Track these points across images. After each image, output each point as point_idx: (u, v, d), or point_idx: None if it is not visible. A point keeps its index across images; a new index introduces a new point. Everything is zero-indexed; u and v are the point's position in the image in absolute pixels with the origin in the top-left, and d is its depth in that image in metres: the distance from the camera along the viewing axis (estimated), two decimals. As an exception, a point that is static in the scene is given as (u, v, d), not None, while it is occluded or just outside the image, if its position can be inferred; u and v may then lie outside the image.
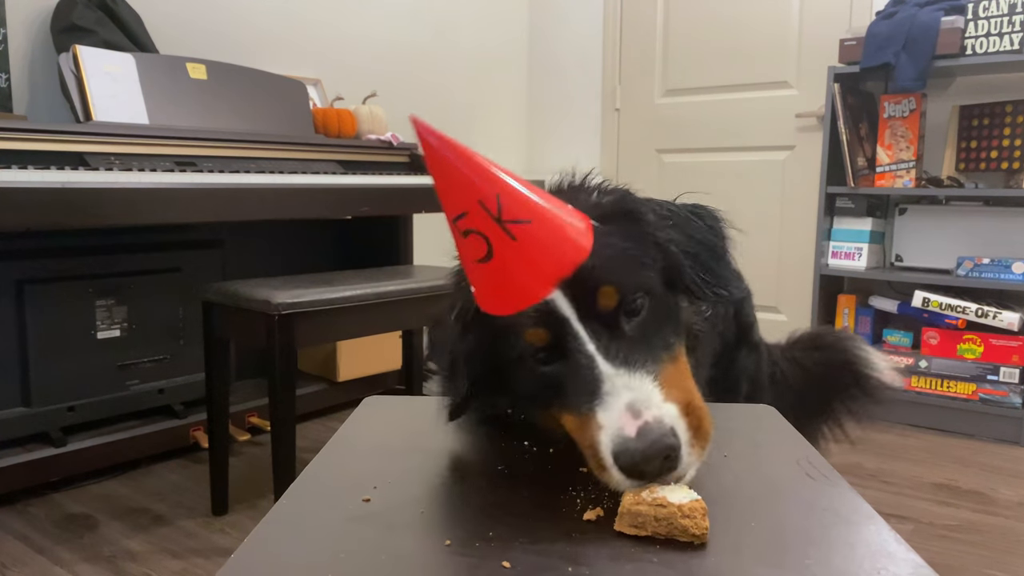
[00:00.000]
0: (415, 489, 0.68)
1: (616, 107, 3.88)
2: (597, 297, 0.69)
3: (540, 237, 0.66)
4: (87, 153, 1.97)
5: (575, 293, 0.68)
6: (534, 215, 0.66)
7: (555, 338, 0.70)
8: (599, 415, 0.64)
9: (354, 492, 0.66)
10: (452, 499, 0.67)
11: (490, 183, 0.65)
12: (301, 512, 0.64)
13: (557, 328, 0.69)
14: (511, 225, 0.65)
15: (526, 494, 0.67)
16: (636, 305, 0.71)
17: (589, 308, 0.69)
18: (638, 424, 0.61)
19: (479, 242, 0.66)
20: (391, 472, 0.72)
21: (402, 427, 0.88)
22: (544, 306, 0.68)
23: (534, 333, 0.71)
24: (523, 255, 0.66)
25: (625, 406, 0.63)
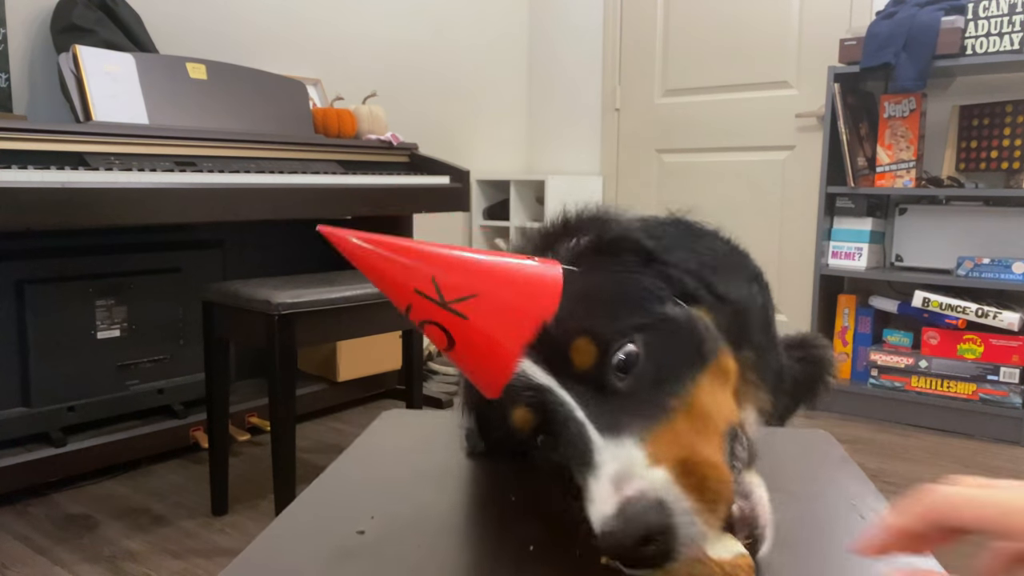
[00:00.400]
0: (416, 521, 0.63)
1: (616, 107, 3.88)
2: (570, 355, 0.59)
3: (492, 307, 0.59)
4: (87, 153, 1.97)
5: (548, 357, 0.59)
6: (478, 286, 0.59)
7: (544, 413, 0.61)
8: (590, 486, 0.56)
9: (350, 521, 0.62)
10: (455, 535, 0.63)
11: (421, 267, 0.59)
12: (289, 541, 0.60)
13: (543, 401, 0.60)
14: (457, 305, 0.58)
15: (536, 532, 0.61)
16: (627, 353, 0.60)
17: (568, 369, 0.59)
18: (617, 499, 0.52)
19: (436, 332, 0.60)
20: (394, 499, 0.68)
21: (415, 447, 0.84)
22: (523, 381, 0.60)
23: (519, 415, 0.62)
24: (480, 332, 0.59)
25: (609, 479, 0.54)
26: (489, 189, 3.91)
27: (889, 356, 2.89)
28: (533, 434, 0.63)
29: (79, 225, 1.97)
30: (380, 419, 0.91)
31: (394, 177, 2.58)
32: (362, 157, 2.68)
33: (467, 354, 0.61)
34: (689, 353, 0.62)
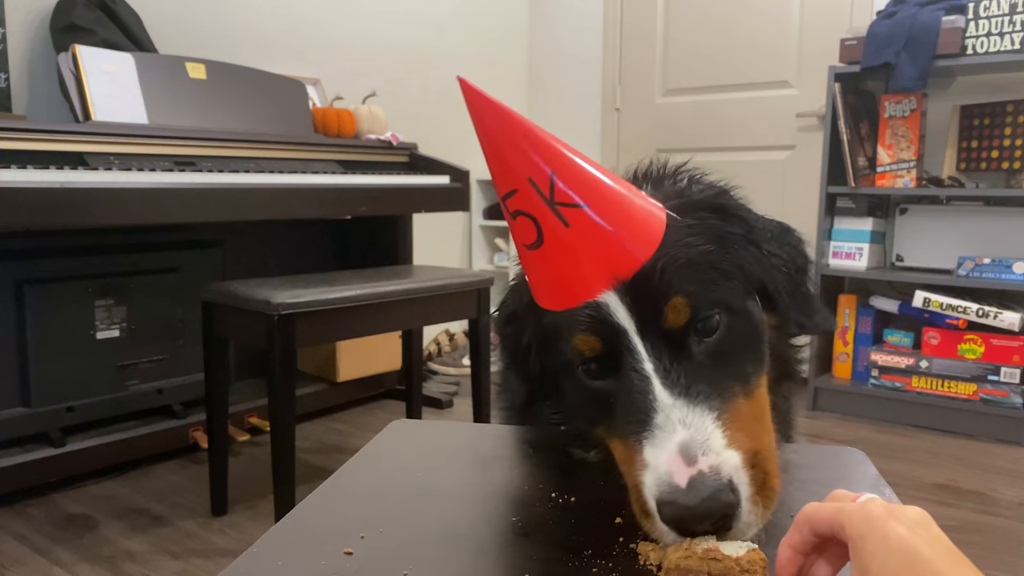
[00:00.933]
0: (407, 541, 0.60)
1: (616, 107, 3.88)
2: (663, 310, 0.58)
3: (598, 225, 0.56)
4: (86, 153, 1.96)
5: (636, 300, 0.57)
6: (592, 198, 0.57)
7: (608, 349, 0.59)
8: (647, 451, 0.54)
9: (340, 539, 0.59)
10: (448, 555, 0.58)
11: (544, 158, 0.57)
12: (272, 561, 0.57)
13: (611, 338, 0.59)
14: (564, 209, 0.56)
15: (536, 557, 0.57)
16: (711, 323, 0.59)
17: (652, 320, 0.58)
18: (690, 473, 0.51)
19: (529, 225, 0.57)
20: (390, 516, 0.64)
21: (419, 460, 0.80)
22: (599, 310, 0.58)
23: (584, 340, 0.60)
24: (576, 245, 0.56)
25: (677, 447, 0.53)
26: (489, 189, 3.91)
27: (890, 356, 2.88)
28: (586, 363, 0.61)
29: (79, 225, 1.97)
30: (387, 429, 0.89)
31: (394, 177, 2.57)
32: (362, 157, 2.68)
33: (552, 259, 0.58)
34: (756, 345, 0.63)
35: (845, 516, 0.45)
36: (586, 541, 0.59)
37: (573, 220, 0.56)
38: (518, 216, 0.58)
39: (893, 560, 0.41)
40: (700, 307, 0.59)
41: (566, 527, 0.62)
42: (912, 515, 0.44)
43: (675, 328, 0.58)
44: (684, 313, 0.58)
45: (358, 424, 2.80)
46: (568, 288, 0.59)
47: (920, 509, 0.46)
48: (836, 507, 0.47)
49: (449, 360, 3.48)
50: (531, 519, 0.64)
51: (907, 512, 0.44)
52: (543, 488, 0.70)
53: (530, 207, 0.57)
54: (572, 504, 0.66)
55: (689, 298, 0.58)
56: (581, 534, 0.61)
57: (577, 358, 0.62)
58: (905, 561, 0.41)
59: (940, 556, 0.41)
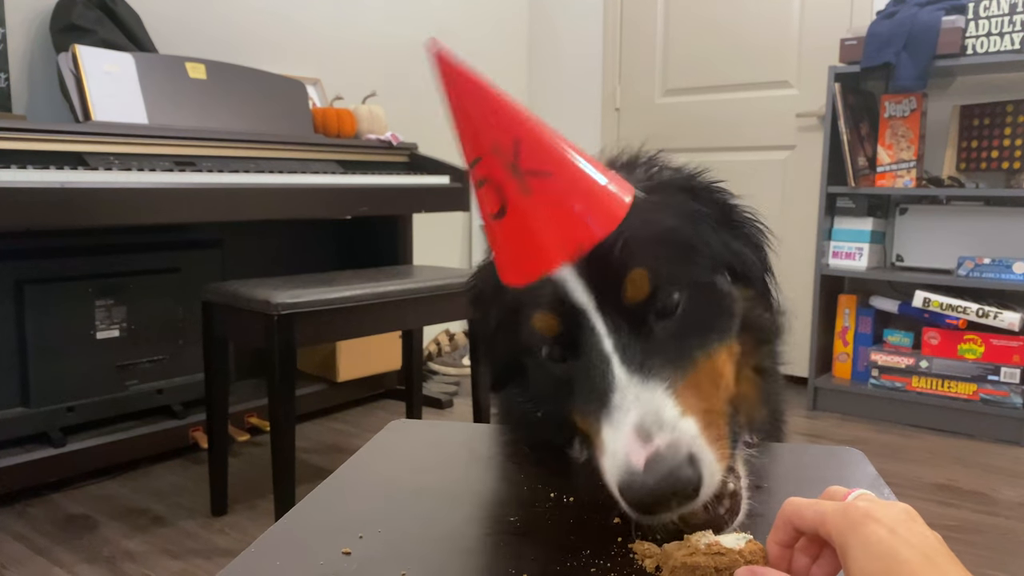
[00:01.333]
0: (406, 541, 0.60)
1: (616, 107, 3.88)
2: (623, 284, 0.56)
3: (560, 194, 0.55)
4: (86, 153, 1.96)
5: (596, 275, 0.56)
6: (557, 167, 0.55)
7: (568, 328, 0.58)
8: (605, 433, 0.53)
9: (338, 539, 0.59)
10: (446, 555, 0.58)
11: (510, 125, 0.56)
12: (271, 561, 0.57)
13: (570, 317, 0.57)
14: (529, 177, 0.55)
15: (533, 557, 0.57)
16: (672, 301, 0.58)
17: (612, 296, 0.57)
18: (647, 452, 0.50)
19: (492, 194, 0.56)
20: (388, 516, 0.64)
21: (418, 460, 0.81)
22: (558, 288, 0.57)
23: (543, 319, 0.59)
24: (537, 214, 0.55)
25: (633, 427, 0.51)
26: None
27: (890, 356, 2.88)
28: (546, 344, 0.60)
29: (79, 225, 1.97)
30: (387, 429, 0.89)
31: (394, 177, 2.57)
32: (362, 157, 2.68)
33: (515, 229, 0.57)
34: (720, 319, 0.62)
35: (828, 520, 0.46)
36: (584, 541, 0.59)
37: (536, 188, 0.55)
38: (483, 184, 0.57)
39: (873, 566, 0.41)
40: (661, 281, 0.58)
41: (564, 527, 0.62)
42: (894, 514, 0.44)
43: (635, 303, 0.57)
44: (644, 287, 0.57)
45: (358, 424, 2.80)
46: (528, 260, 0.57)
47: (904, 506, 0.46)
48: (818, 510, 0.47)
49: (449, 360, 3.48)
50: (529, 519, 0.64)
51: (889, 511, 0.44)
52: (541, 488, 0.69)
53: (495, 174, 0.56)
54: (570, 504, 0.66)
55: (649, 272, 0.57)
56: (579, 534, 0.61)
57: (538, 339, 0.61)
58: (883, 566, 0.41)
59: (919, 558, 0.41)
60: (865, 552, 0.42)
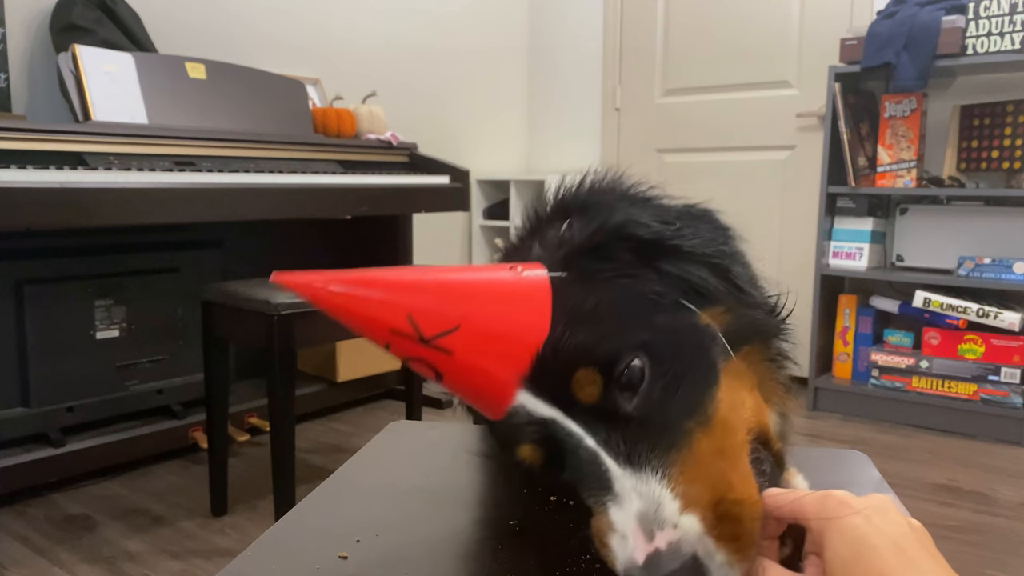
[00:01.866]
0: (403, 545, 0.59)
1: (616, 107, 3.88)
2: (573, 387, 0.54)
3: (477, 338, 0.54)
4: (86, 153, 1.96)
5: (549, 388, 0.54)
6: (458, 317, 0.54)
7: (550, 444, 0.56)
8: (612, 513, 0.51)
9: (335, 542, 0.59)
10: (444, 560, 0.58)
11: (395, 302, 0.54)
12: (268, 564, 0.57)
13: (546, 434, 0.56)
14: (439, 341, 0.53)
15: (534, 560, 0.57)
16: (632, 373, 0.54)
17: (572, 401, 0.55)
18: (648, 550, 0.47)
19: (423, 367, 0.55)
20: (386, 519, 0.64)
21: (418, 461, 0.80)
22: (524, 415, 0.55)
23: (525, 451, 0.57)
24: (468, 367, 0.54)
25: (636, 519, 0.49)
26: (489, 189, 3.91)
27: (890, 356, 2.88)
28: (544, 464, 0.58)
29: (78, 225, 1.97)
30: (386, 430, 0.88)
31: (394, 177, 2.57)
32: (362, 157, 2.68)
33: (458, 388, 0.56)
34: (699, 363, 0.57)
35: (807, 508, 0.48)
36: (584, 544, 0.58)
37: (453, 346, 0.54)
38: (409, 362, 0.55)
39: (845, 551, 0.44)
40: (611, 367, 0.54)
41: (564, 530, 0.62)
42: (870, 503, 0.46)
43: (594, 400, 0.54)
44: (595, 382, 0.54)
45: (358, 424, 2.80)
46: (488, 404, 0.57)
47: (881, 496, 0.47)
48: (795, 498, 0.49)
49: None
50: (529, 521, 0.63)
51: (865, 501, 0.46)
52: (541, 490, 0.69)
53: (411, 351, 0.54)
54: (570, 507, 0.66)
55: (593, 365, 0.54)
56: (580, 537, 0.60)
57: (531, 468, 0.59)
58: (855, 551, 0.43)
59: (890, 546, 0.43)
60: (840, 538, 0.44)
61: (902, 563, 0.42)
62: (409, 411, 2.62)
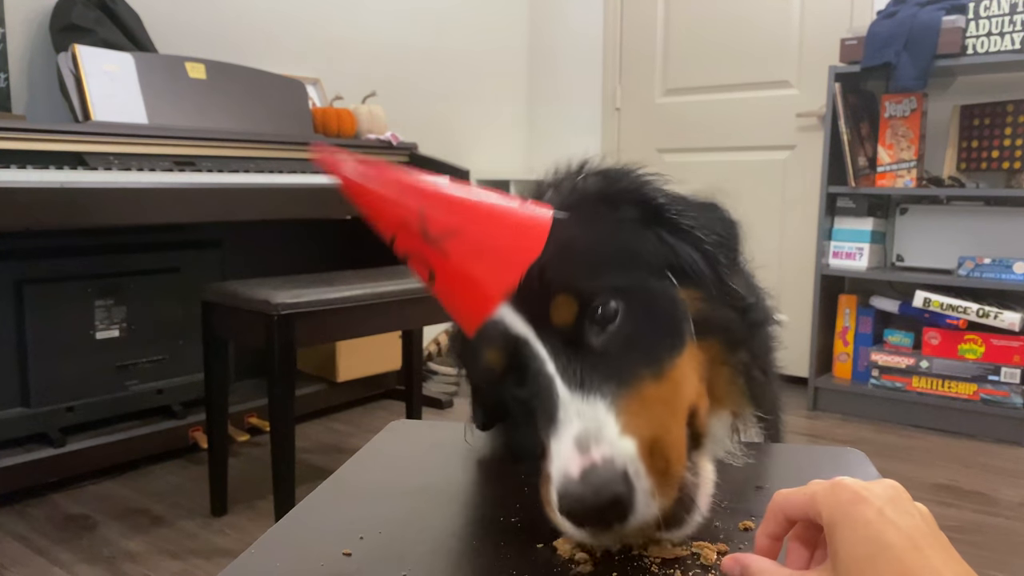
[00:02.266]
0: (406, 542, 0.59)
1: (616, 107, 3.88)
2: (551, 309, 0.59)
3: (474, 246, 0.58)
4: (86, 153, 1.96)
5: (528, 306, 0.59)
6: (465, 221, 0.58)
7: (515, 359, 0.60)
8: (551, 444, 0.55)
9: (338, 540, 0.59)
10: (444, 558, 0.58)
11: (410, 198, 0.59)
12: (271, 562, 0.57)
13: (514, 348, 0.60)
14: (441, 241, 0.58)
15: (535, 558, 0.57)
16: (608, 312, 0.59)
17: (547, 322, 0.59)
18: (583, 464, 0.51)
19: (419, 265, 0.59)
20: (388, 518, 0.64)
21: (418, 460, 0.80)
22: (499, 325, 0.59)
23: (491, 355, 0.62)
24: (463, 271, 0.58)
25: (574, 438, 0.53)
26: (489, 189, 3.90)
27: (890, 356, 2.88)
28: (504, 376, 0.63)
29: (78, 225, 1.97)
30: (387, 430, 0.88)
31: (394, 177, 2.57)
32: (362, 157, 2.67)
33: (447, 291, 0.60)
34: (668, 327, 0.61)
35: (819, 501, 0.46)
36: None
37: (452, 248, 0.58)
38: (408, 258, 0.60)
39: (859, 549, 0.42)
40: (588, 300, 0.59)
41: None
42: (882, 493, 0.44)
43: (567, 325, 0.59)
44: (571, 309, 0.59)
45: (358, 424, 2.80)
46: (469, 311, 0.60)
47: (892, 483, 0.46)
48: (807, 491, 0.48)
49: (449, 360, 3.48)
50: (530, 520, 0.63)
51: (877, 489, 0.45)
52: (543, 489, 0.69)
53: (412, 246, 0.59)
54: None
55: (573, 293, 0.59)
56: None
57: (493, 374, 0.63)
58: (869, 551, 0.41)
59: (905, 543, 0.41)
60: (853, 534, 0.43)
61: (918, 562, 0.40)
62: (409, 411, 2.62)
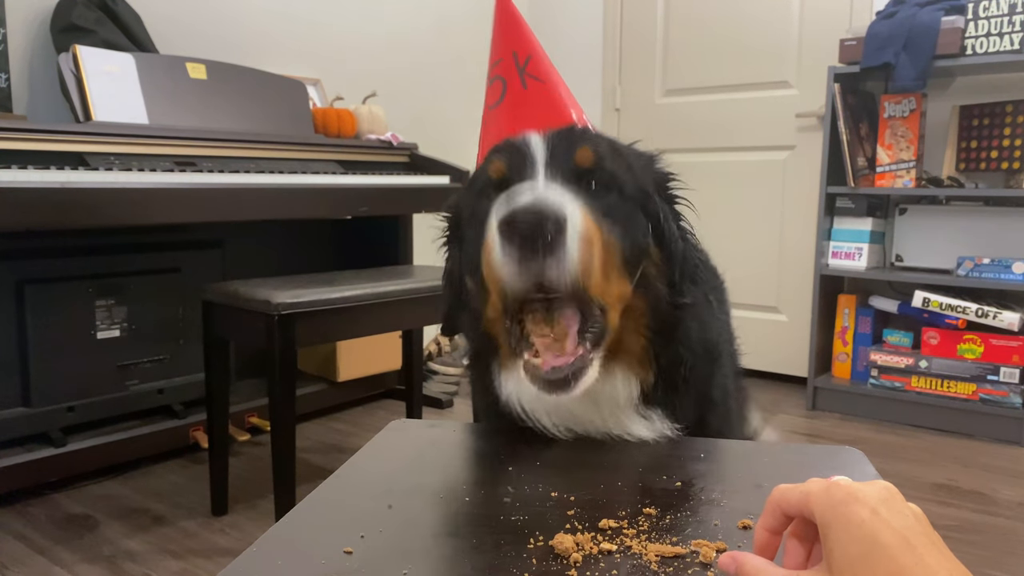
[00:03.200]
0: (407, 541, 0.60)
1: (616, 107, 3.88)
2: (574, 152, 0.72)
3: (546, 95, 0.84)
4: (87, 153, 1.97)
5: (555, 143, 0.73)
6: (549, 80, 0.85)
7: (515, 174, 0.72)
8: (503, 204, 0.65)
9: (339, 539, 0.60)
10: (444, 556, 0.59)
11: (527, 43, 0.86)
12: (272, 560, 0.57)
13: (520, 165, 0.72)
14: (528, 78, 0.84)
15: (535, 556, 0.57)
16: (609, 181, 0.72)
17: (561, 158, 0.71)
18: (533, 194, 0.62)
19: (498, 87, 0.85)
20: (389, 516, 0.65)
21: (418, 460, 0.80)
22: (520, 145, 0.73)
23: (495, 166, 0.74)
24: (528, 103, 0.83)
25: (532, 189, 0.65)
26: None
27: (889, 356, 2.88)
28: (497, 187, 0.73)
29: (79, 225, 1.97)
30: (387, 429, 0.89)
31: (394, 177, 2.57)
32: (362, 157, 2.68)
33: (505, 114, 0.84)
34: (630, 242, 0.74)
35: (813, 501, 0.47)
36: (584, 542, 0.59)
37: (532, 86, 0.83)
38: (495, 80, 0.86)
39: (853, 549, 0.42)
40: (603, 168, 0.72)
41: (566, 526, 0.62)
42: (875, 493, 0.45)
43: (580, 167, 0.72)
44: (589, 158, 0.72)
45: (358, 424, 2.81)
46: (513, 130, 0.76)
47: (885, 484, 0.47)
48: (802, 490, 0.48)
49: (449, 360, 3.49)
50: (531, 518, 0.64)
51: (871, 490, 0.45)
52: (543, 488, 0.70)
53: (507, 72, 0.85)
54: (571, 503, 0.67)
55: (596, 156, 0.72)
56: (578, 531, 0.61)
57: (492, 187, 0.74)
58: (863, 551, 0.42)
59: (899, 542, 0.42)
60: (846, 534, 0.43)
61: (912, 561, 0.41)
62: (409, 411, 2.62)
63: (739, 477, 0.71)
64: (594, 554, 0.57)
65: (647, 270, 0.75)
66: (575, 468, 0.75)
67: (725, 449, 0.81)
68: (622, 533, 0.60)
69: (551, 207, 0.60)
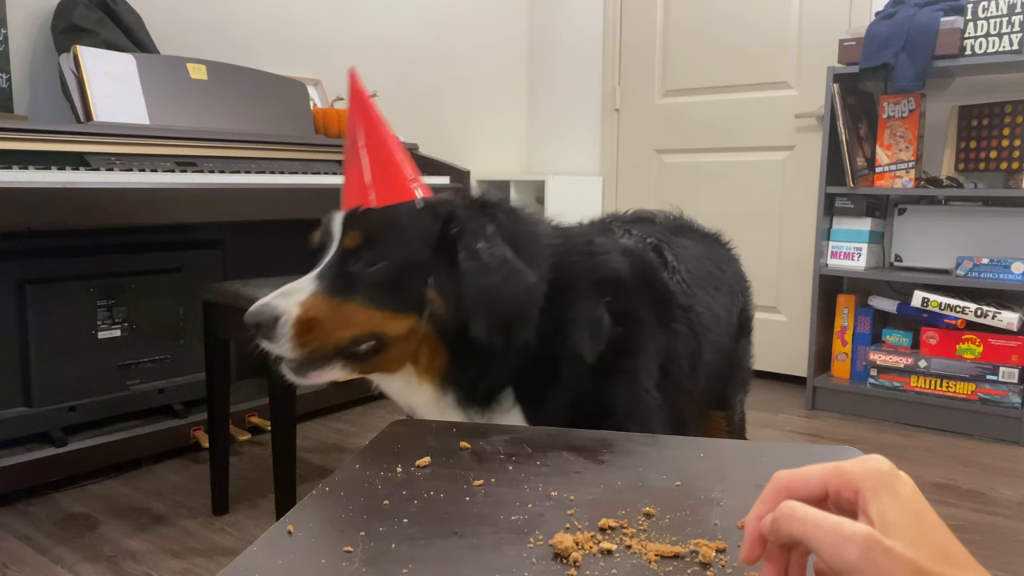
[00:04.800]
0: (407, 540, 0.60)
1: (616, 107, 3.89)
2: (345, 233, 0.96)
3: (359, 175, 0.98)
4: (88, 153, 1.97)
5: (345, 224, 0.97)
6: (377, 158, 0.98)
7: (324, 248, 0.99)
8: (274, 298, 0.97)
9: (340, 538, 0.60)
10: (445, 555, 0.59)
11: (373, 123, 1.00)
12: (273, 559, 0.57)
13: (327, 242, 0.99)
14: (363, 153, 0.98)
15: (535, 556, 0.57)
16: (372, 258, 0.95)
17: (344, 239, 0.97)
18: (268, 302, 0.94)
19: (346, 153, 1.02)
20: (389, 515, 0.65)
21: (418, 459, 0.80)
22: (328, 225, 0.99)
23: (315, 236, 1.02)
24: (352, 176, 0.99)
25: (280, 291, 0.96)
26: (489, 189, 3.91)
27: (888, 356, 2.89)
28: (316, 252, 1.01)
29: (80, 225, 1.98)
30: (387, 429, 0.89)
31: (394, 177, 2.57)
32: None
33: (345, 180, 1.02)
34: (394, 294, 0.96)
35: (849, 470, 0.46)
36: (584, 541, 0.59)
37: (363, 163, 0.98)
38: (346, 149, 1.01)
39: (907, 516, 0.43)
40: (367, 246, 0.95)
41: (566, 526, 0.63)
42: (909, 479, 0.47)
43: (347, 248, 0.96)
44: (353, 240, 0.96)
45: (358, 423, 2.81)
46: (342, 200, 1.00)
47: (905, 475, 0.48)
48: (834, 466, 0.47)
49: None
50: (531, 518, 0.64)
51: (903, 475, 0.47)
52: (543, 487, 0.70)
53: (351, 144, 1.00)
54: (571, 502, 0.67)
55: (363, 237, 0.95)
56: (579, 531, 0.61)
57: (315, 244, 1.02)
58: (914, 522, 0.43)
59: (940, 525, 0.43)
60: (898, 502, 0.44)
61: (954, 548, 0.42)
62: (409, 410, 2.62)
63: (738, 476, 0.72)
64: (594, 553, 0.57)
65: (433, 307, 0.98)
66: (575, 468, 0.75)
67: (725, 448, 0.81)
68: (622, 532, 0.60)
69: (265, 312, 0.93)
